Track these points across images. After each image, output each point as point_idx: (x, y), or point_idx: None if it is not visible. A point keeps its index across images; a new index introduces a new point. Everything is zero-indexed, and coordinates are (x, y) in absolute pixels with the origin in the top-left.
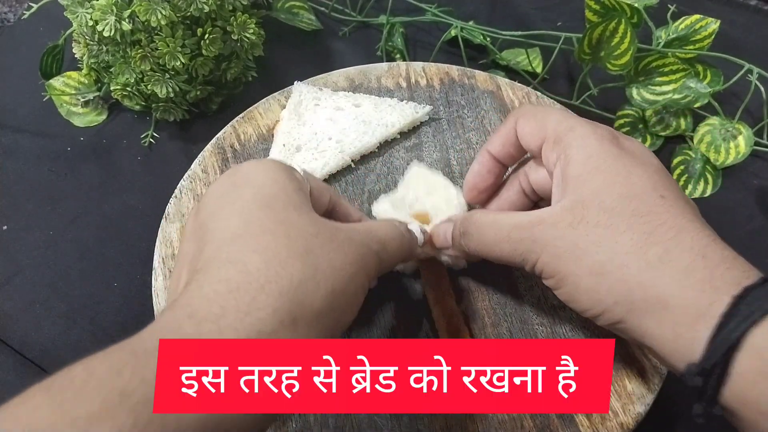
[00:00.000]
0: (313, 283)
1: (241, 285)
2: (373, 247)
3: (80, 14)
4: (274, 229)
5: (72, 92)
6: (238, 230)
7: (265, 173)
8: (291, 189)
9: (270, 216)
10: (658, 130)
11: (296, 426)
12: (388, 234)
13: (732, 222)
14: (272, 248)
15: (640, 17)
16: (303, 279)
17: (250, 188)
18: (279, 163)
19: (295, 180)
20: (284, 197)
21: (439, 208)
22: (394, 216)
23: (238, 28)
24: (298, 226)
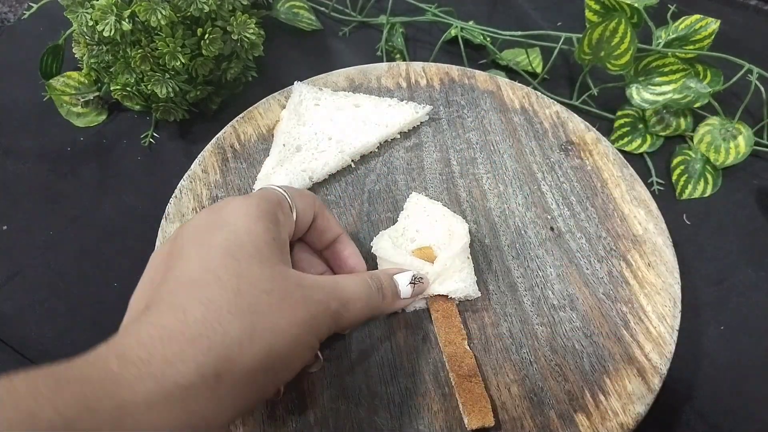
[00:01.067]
0: (248, 342)
1: (174, 334)
2: (332, 306)
3: (80, 14)
4: (228, 281)
5: (72, 92)
6: (194, 275)
7: (243, 219)
8: (263, 240)
9: (229, 267)
10: (658, 130)
11: (296, 426)
12: (354, 293)
13: (732, 222)
14: (217, 301)
15: (640, 17)
16: (237, 337)
17: (223, 233)
18: (262, 207)
19: (272, 230)
20: (252, 249)
21: (441, 240)
22: (393, 255)
23: (238, 28)
24: (252, 282)
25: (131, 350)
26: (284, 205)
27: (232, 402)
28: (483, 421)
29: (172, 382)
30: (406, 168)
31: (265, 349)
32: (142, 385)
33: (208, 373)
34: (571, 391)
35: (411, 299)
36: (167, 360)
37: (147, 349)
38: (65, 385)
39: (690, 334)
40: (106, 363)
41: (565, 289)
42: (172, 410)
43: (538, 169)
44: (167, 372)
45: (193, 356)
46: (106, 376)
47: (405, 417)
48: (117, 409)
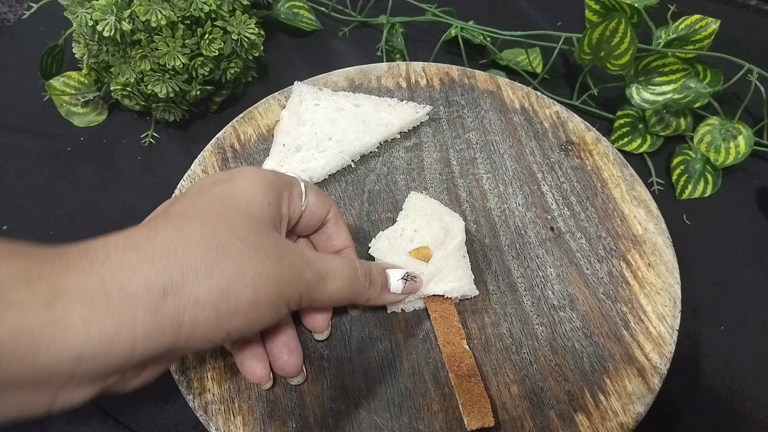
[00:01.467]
0: (205, 274)
1: (137, 248)
2: (306, 274)
3: (80, 14)
4: (207, 219)
5: (72, 92)
6: (180, 210)
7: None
8: (257, 201)
9: (214, 210)
10: (658, 130)
11: (296, 426)
12: (335, 269)
13: (732, 222)
14: (189, 232)
15: (640, 17)
16: (195, 266)
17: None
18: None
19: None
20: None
21: (438, 239)
22: (390, 256)
23: (238, 28)
24: (230, 227)
25: (92, 249)
26: (295, 187)
27: (170, 326)
28: (483, 422)
29: (116, 285)
30: (406, 168)
31: (221, 287)
32: (87, 279)
33: (155, 289)
34: (571, 391)
35: (402, 296)
36: (120, 265)
37: (107, 251)
38: (18, 257)
39: (690, 334)
40: (65, 252)
41: (565, 289)
42: (106, 312)
43: (538, 169)
44: (116, 275)
45: (146, 270)
46: (56, 260)
47: (405, 417)
48: (53, 292)
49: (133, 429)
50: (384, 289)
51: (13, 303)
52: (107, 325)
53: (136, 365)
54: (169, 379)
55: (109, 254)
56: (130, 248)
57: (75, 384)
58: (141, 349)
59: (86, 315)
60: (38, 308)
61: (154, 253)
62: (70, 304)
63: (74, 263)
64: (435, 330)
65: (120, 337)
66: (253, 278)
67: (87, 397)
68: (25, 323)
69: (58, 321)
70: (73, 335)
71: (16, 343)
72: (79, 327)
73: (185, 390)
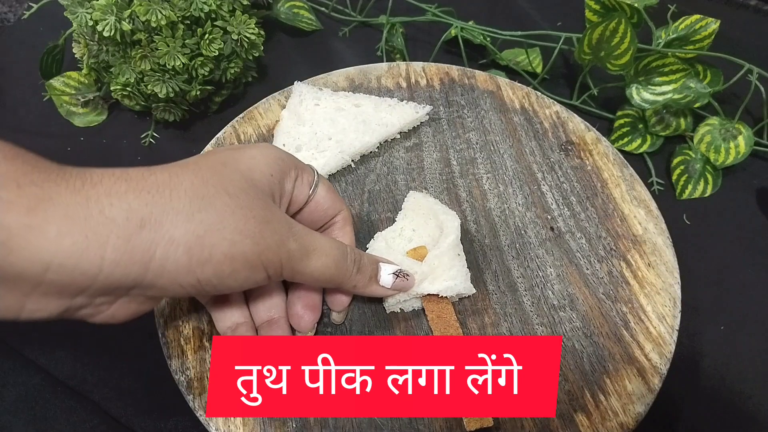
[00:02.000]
0: (184, 218)
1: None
2: (290, 244)
3: (80, 14)
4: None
5: (72, 92)
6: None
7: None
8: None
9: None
10: (658, 130)
11: (296, 426)
12: (323, 247)
13: (732, 222)
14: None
15: (640, 17)
16: (177, 209)
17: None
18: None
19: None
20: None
21: (434, 237)
22: (387, 256)
23: (238, 28)
24: (221, 183)
25: (90, 173)
26: (307, 173)
27: (140, 257)
28: (481, 422)
29: (98, 207)
30: (406, 168)
31: (198, 233)
32: (73, 196)
33: (134, 219)
34: (571, 391)
35: (392, 292)
36: (108, 191)
37: (102, 177)
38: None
39: (690, 334)
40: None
41: (565, 289)
42: (81, 229)
43: (538, 169)
44: (101, 198)
45: (131, 200)
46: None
47: (405, 417)
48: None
49: (133, 429)
50: (372, 279)
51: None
52: (79, 240)
53: (103, 290)
54: (170, 379)
55: (102, 180)
56: (124, 179)
57: (42, 293)
58: (107, 272)
59: (62, 227)
60: (21, 210)
61: (143, 188)
62: (51, 214)
63: (68, 180)
64: (432, 330)
65: (89, 255)
66: (232, 232)
67: (54, 311)
68: (5, 221)
69: (36, 227)
70: (45, 243)
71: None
72: (53, 236)
73: (185, 390)
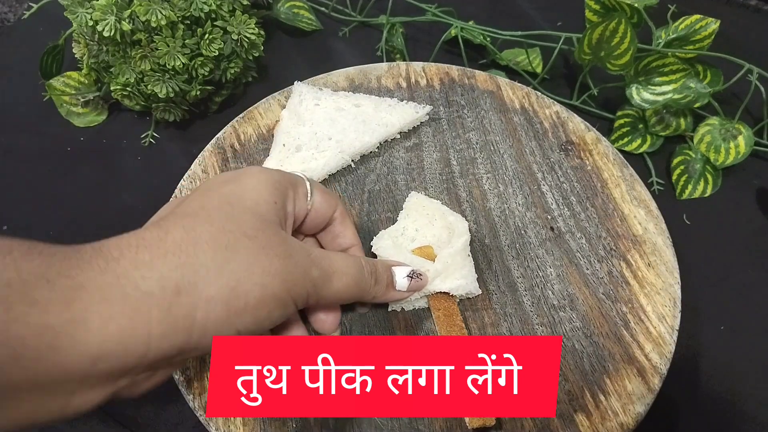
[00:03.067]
0: (215, 272)
1: (149, 247)
2: (313, 272)
3: (80, 14)
4: (215, 219)
5: (72, 92)
6: (189, 210)
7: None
8: (263, 200)
9: (222, 209)
10: (658, 130)
11: (296, 426)
12: (341, 268)
13: (732, 222)
14: (199, 231)
15: (640, 17)
16: (206, 264)
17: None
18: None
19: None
20: (250, 203)
21: (441, 238)
22: (394, 255)
23: (238, 28)
24: (238, 225)
25: (106, 247)
26: (300, 186)
27: (183, 324)
28: (484, 420)
29: (132, 283)
30: (406, 168)
31: (231, 285)
32: (103, 277)
33: (169, 287)
34: (571, 391)
35: (407, 294)
36: (134, 263)
37: (121, 250)
38: (36, 254)
39: (690, 334)
40: (80, 250)
41: (565, 289)
42: (123, 310)
43: (538, 169)
44: (130, 273)
45: (159, 267)
46: (73, 258)
47: (405, 417)
48: (72, 290)
49: (133, 429)
50: (390, 286)
51: (36, 302)
52: (124, 323)
53: (149, 366)
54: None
55: (122, 252)
56: (143, 247)
57: (89, 386)
58: (155, 348)
59: (104, 313)
60: (59, 306)
61: (166, 252)
62: (89, 302)
63: (90, 261)
64: (437, 328)
65: (136, 336)
66: (261, 276)
67: (98, 401)
68: (47, 321)
69: (78, 319)
70: (91, 333)
71: (39, 342)
72: (98, 325)
73: (185, 390)
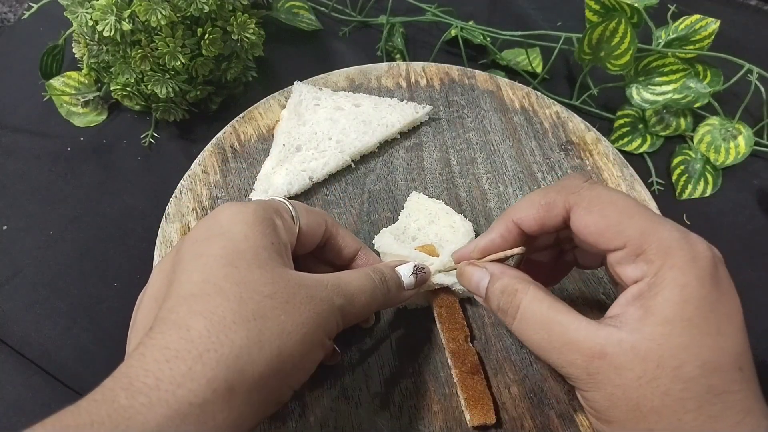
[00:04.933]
0: (256, 348)
1: (180, 353)
2: (337, 302)
3: (80, 14)
4: (229, 290)
5: (72, 92)
6: (194, 288)
7: (240, 226)
8: (261, 245)
9: (229, 276)
10: (658, 130)
11: (296, 426)
12: (358, 287)
13: (732, 222)
14: (220, 312)
15: (640, 17)
16: (245, 345)
17: (221, 241)
18: (259, 212)
19: (269, 234)
20: (251, 255)
21: (443, 237)
22: (397, 250)
23: (238, 28)
24: (254, 288)
25: (138, 379)
26: (283, 212)
27: (248, 411)
28: (485, 419)
29: (185, 402)
30: (406, 168)
31: (275, 354)
32: (154, 412)
33: (221, 387)
34: (571, 391)
35: (416, 290)
36: (176, 382)
37: (154, 374)
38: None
39: None
40: (114, 398)
41: (566, 289)
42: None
43: (538, 169)
44: (178, 393)
45: (202, 372)
46: (116, 412)
47: (405, 417)
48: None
49: None
50: (399, 288)
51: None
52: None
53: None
54: None
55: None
56: (174, 358)
57: None
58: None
59: None
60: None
61: (200, 353)
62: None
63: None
64: (439, 326)
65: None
66: (297, 330)
67: None
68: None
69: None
70: None
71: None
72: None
73: None
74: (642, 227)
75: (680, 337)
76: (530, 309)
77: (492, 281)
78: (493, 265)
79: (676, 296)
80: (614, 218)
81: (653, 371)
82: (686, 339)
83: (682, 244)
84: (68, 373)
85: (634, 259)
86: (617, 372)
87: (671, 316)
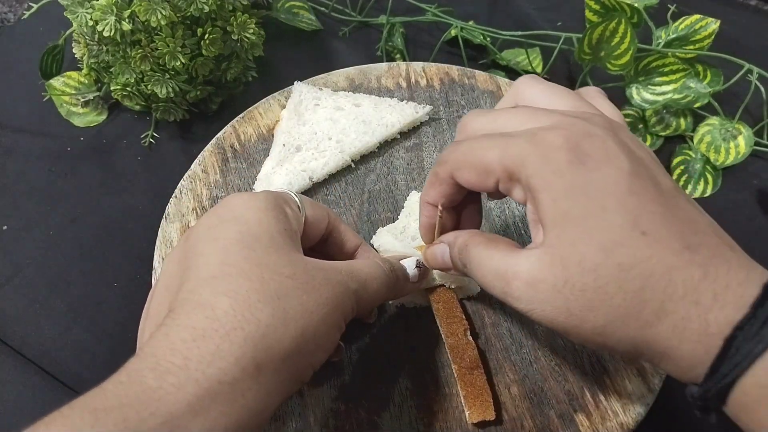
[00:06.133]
0: (282, 326)
1: (206, 332)
2: (352, 286)
3: (80, 14)
4: (250, 271)
5: (72, 92)
6: (215, 270)
7: (253, 212)
8: (275, 230)
9: (249, 258)
10: (658, 130)
11: (296, 426)
12: (369, 274)
13: (732, 222)
14: (243, 292)
15: (640, 17)
16: (271, 323)
17: (236, 226)
18: (270, 200)
19: (282, 220)
20: (267, 239)
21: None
22: (397, 248)
23: (238, 28)
24: (274, 269)
25: (165, 359)
26: (291, 202)
27: (275, 388)
28: (484, 415)
29: (215, 381)
30: (406, 168)
31: (299, 331)
32: (184, 392)
33: (249, 365)
34: (571, 391)
35: (419, 284)
36: (205, 360)
37: (182, 353)
38: (104, 415)
39: None
40: (141, 380)
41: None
42: (220, 409)
43: None
44: (207, 372)
45: (230, 350)
46: (145, 393)
47: (405, 417)
48: (164, 425)
49: None
50: (405, 279)
51: None
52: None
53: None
54: None
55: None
56: (200, 338)
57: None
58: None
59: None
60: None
61: (227, 331)
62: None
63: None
64: (438, 322)
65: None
66: (318, 309)
67: None
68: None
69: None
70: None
71: None
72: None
73: None
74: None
75: (568, 233)
76: (473, 253)
77: (451, 248)
78: (446, 235)
79: (547, 200)
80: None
81: (563, 275)
82: (574, 232)
83: (531, 149)
84: (68, 373)
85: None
86: (535, 288)
87: (552, 219)
